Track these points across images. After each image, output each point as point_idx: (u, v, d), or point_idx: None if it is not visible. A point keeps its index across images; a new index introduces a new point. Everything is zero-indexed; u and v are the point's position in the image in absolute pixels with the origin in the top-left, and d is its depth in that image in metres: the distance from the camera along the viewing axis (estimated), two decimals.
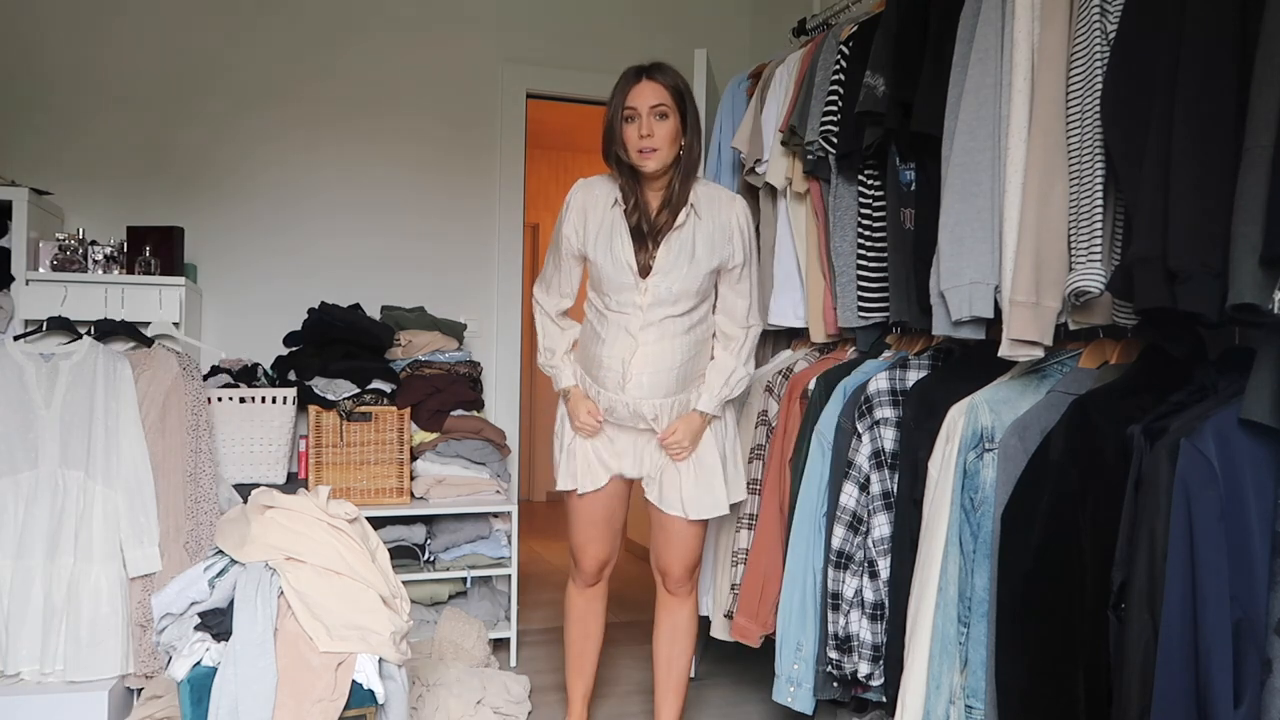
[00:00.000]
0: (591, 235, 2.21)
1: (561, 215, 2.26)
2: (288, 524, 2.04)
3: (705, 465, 2.26)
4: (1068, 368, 1.84)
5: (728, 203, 2.22)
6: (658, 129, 2.09)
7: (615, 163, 2.17)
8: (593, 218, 2.22)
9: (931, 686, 1.81)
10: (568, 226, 2.25)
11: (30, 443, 2.50)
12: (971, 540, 1.78)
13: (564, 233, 2.26)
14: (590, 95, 3.88)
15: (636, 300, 2.16)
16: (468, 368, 3.39)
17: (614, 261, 2.17)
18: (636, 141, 2.10)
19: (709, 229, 2.19)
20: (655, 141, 2.09)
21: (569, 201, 2.25)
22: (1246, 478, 1.36)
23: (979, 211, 1.81)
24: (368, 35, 3.60)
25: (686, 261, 2.16)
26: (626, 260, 2.17)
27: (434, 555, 3.21)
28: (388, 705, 1.98)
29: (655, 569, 2.40)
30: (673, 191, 2.17)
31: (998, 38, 1.80)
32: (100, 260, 3.01)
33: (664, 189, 2.18)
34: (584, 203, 2.24)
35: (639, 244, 2.17)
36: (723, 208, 2.21)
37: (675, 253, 2.16)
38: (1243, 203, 1.31)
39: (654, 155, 2.10)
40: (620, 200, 2.19)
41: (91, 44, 3.29)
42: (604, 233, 2.19)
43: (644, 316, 2.17)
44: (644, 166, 2.12)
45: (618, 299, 2.18)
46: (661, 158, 2.11)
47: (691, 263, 2.16)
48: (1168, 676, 1.35)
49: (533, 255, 6.71)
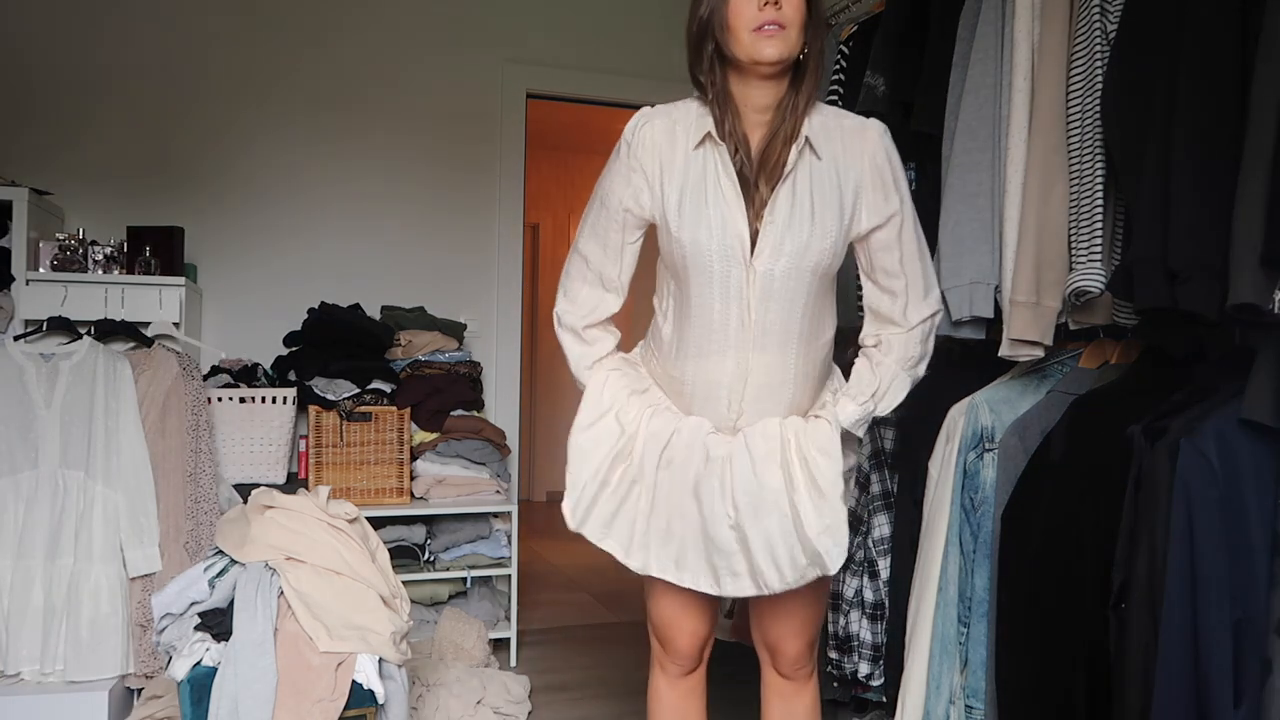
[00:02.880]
0: (674, 192, 1.47)
1: (615, 164, 1.53)
2: (288, 524, 2.04)
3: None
4: (1068, 368, 1.84)
5: (857, 132, 1.51)
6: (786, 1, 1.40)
7: (708, 72, 1.47)
8: (670, 166, 1.48)
9: (931, 686, 1.81)
10: (635, 179, 1.50)
11: (30, 443, 2.50)
12: (971, 540, 1.78)
13: (621, 191, 1.52)
14: (590, 95, 3.88)
15: (743, 292, 1.46)
16: (468, 368, 3.39)
17: (710, 231, 1.45)
18: (754, 15, 1.39)
19: (831, 173, 1.48)
20: (785, 15, 1.39)
21: (633, 140, 1.50)
22: (1246, 478, 1.36)
23: (979, 211, 1.81)
24: (368, 35, 3.60)
25: (806, 223, 1.46)
26: (735, 230, 1.44)
27: (434, 555, 3.21)
28: (388, 705, 1.98)
29: (759, 646, 1.72)
30: (783, 115, 1.46)
31: (998, 38, 1.80)
32: (100, 260, 3.01)
33: (770, 110, 1.47)
34: (656, 140, 1.49)
35: (746, 199, 1.46)
36: (851, 139, 1.50)
37: (788, 211, 1.46)
38: (1243, 203, 1.31)
39: (779, 35, 1.39)
40: (714, 132, 1.46)
41: (92, 44, 3.29)
42: (692, 187, 1.47)
43: (754, 314, 1.47)
44: (762, 53, 1.40)
45: (713, 290, 1.47)
46: (789, 41, 1.40)
47: (812, 225, 1.46)
48: (1168, 676, 1.35)
49: (532, 255, 6.71)
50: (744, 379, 1.49)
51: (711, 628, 1.70)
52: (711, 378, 1.51)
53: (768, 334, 1.48)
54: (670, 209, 1.47)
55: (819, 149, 1.48)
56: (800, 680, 1.69)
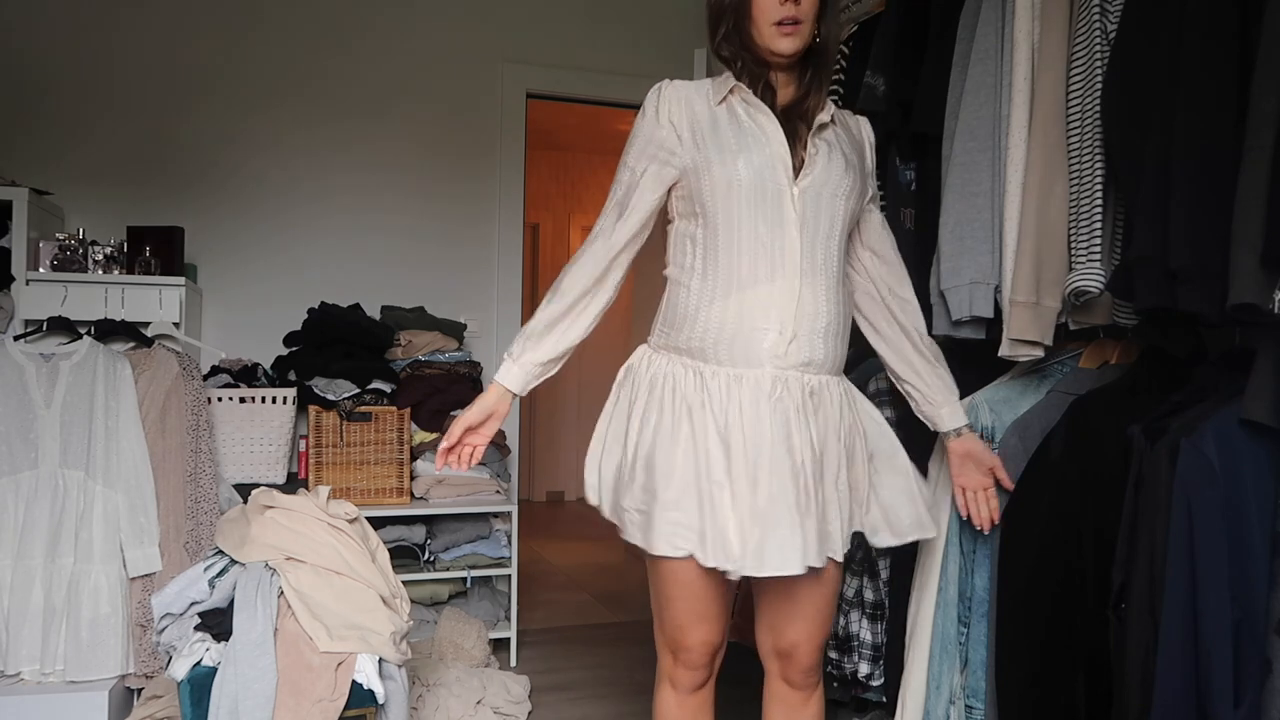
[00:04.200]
0: (708, 133, 1.53)
1: (641, 125, 1.59)
2: (288, 524, 2.04)
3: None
4: (1068, 368, 1.84)
5: (855, 120, 1.70)
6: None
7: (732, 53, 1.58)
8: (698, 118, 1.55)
9: (931, 686, 1.81)
10: (662, 133, 1.55)
11: (30, 442, 2.50)
12: (971, 540, 1.78)
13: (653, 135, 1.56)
14: (590, 95, 3.88)
15: (788, 212, 1.50)
16: (468, 368, 3.39)
17: (751, 157, 1.50)
18: (776, 10, 1.51)
19: (848, 138, 1.62)
20: (802, 10, 1.52)
21: (657, 100, 1.57)
22: (1246, 478, 1.36)
23: (979, 211, 1.81)
24: (367, 35, 3.60)
25: (840, 161, 1.56)
26: (779, 154, 1.51)
27: (434, 555, 3.21)
28: (388, 705, 1.98)
29: (768, 654, 1.66)
30: (806, 82, 1.59)
31: (998, 38, 1.80)
32: (100, 260, 3.01)
33: (793, 84, 1.60)
34: (680, 97, 1.57)
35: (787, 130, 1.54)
36: (852, 123, 1.68)
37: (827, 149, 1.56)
38: (1243, 203, 1.31)
39: (797, 31, 1.52)
40: (736, 89, 1.56)
41: (92, 44, 3.29)
42: (725, 126, 1.54)
43: (803, 235, 1.51)
44: (780, 47, 1.52)
45: (758, 215, 1.50)
46: (803, 35, 1.53)
47: (846, 166, 1.56)
48: (1168, 676, 1.35)
49: (533, 255, 6.71)
50: (795, 300, 1.50)
51: (724, 632, 1.62)
52: (759, 307, 1.50)
53: (813, 258, 1.52)
54: (708, 146, 1.52)
55: (836, 120, 1.61)
56: (809, 690, 1.64)
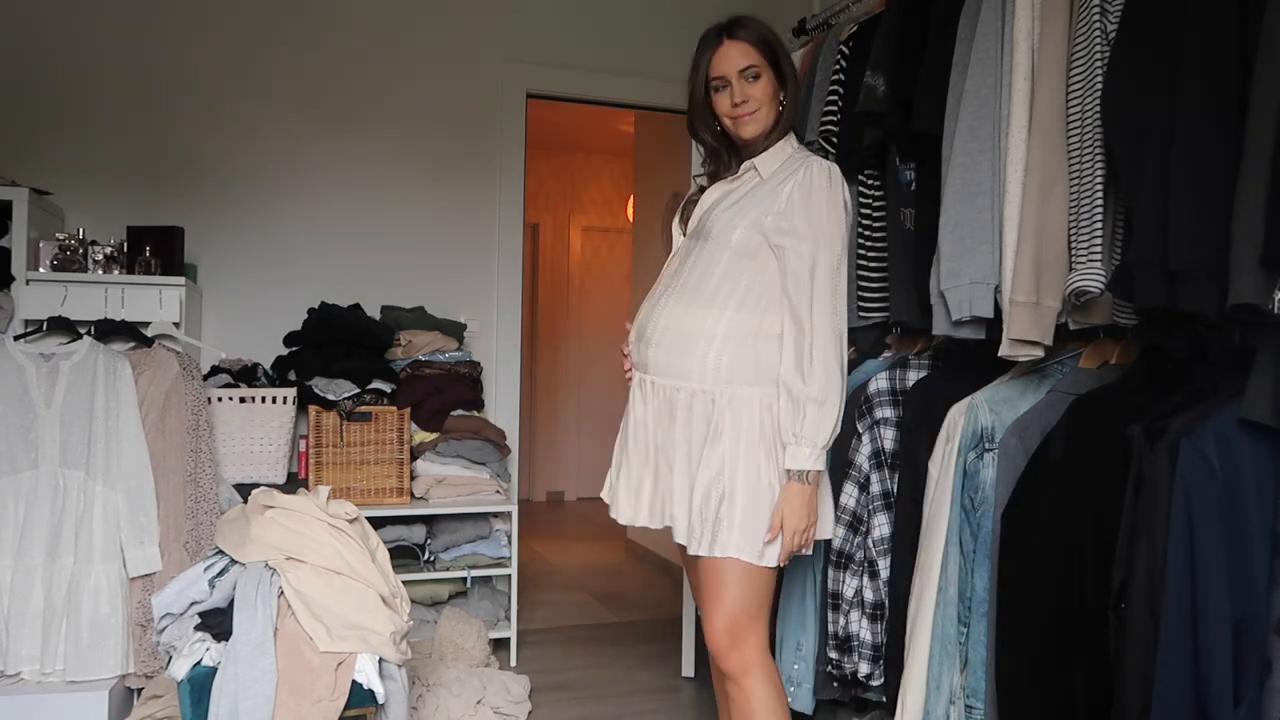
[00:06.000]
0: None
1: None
2: (288, 524, 2.04)
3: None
4: (1068, 368, 1.84)
5: (803, 163, 1.78)
6: (752, 91, 1.77)
7: (708, 137, 1.86)
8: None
9: (931, 686, 1.81)
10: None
11: (30, 443, 2.50)
12: (971, 540, 1.78)
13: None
14: (590, 95, 3.88)
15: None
16: (468, 368, 3.39)
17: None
18: (730, 110, 1.79)
19: (764, 188, 1.80)
20: (753, 103, 1.77)
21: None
22: (1246, 478, 1.36)
23: (979, 211, 1.81)
24: (367, 35, 3.60)
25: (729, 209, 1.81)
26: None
27: (434, 555, 3.21)
28: (388, 705, 1.98)
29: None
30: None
31: (998, 38, 1.80)
32: (100, 260, 3.01)
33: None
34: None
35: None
36: (796, 169, 1.78)
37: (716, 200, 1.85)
38: (1243, 203, 1.31)
39: (754, 117, 1.78)
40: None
41: (93, 45, 3.29)
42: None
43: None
44: (743, 131, 1.79)
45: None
46: (762, 119, 1.79)
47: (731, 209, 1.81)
48: (1168, 676, 1.35)
49: (533, 255, 6.71)
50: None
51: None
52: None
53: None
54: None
55: (763, 171, 1.81)
56: (733, 680, 1.73)
